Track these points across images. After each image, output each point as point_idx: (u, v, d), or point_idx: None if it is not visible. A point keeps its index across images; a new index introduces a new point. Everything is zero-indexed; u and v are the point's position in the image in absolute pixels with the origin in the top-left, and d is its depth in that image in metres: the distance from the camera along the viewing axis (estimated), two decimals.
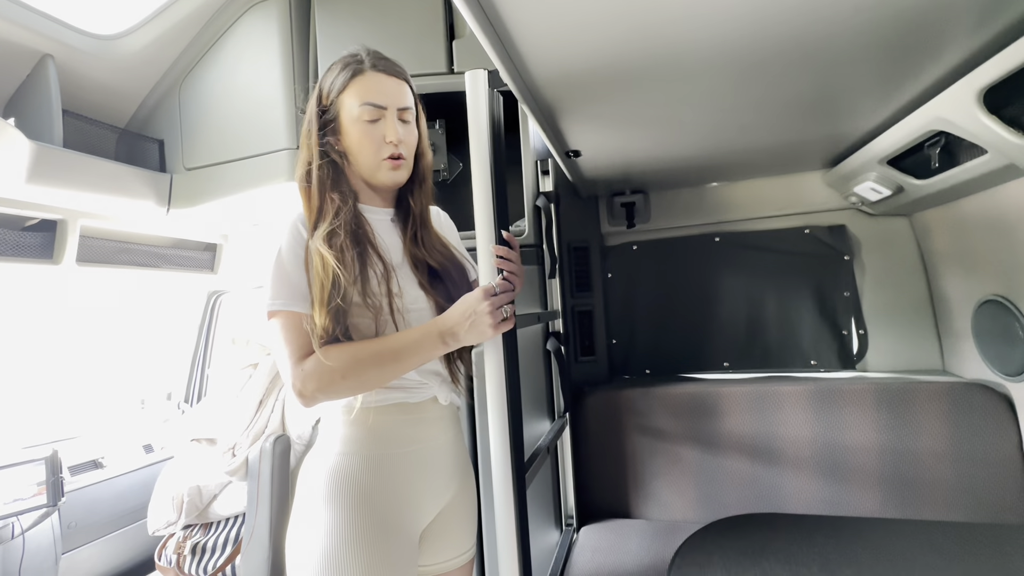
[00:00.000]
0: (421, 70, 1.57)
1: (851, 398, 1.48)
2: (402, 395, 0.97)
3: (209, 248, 2.20)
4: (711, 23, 0.77)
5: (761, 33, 0.81)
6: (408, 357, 0.87)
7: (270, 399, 1.55)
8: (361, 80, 0.94)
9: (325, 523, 0.88)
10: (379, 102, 0.94)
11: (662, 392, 1.64)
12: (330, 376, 0.84)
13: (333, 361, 0.84)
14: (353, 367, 0.85)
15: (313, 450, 0.98)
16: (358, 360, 0.86)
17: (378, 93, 0.94)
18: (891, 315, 1.72)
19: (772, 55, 0.90)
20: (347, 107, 0.95)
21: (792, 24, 0.79)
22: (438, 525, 1.00)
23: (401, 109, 0.96)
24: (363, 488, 0.91)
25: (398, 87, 0.97)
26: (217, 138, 1.77)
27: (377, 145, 0.94)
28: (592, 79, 0.93)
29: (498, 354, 0.93)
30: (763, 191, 1.84)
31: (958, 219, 1.47)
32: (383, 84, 0.95)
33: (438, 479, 0.99)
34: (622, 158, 1.49)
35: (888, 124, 1.28)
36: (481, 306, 0.86)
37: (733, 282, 1.84)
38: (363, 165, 0.96)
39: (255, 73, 1.72)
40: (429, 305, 0.98)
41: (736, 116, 1.23)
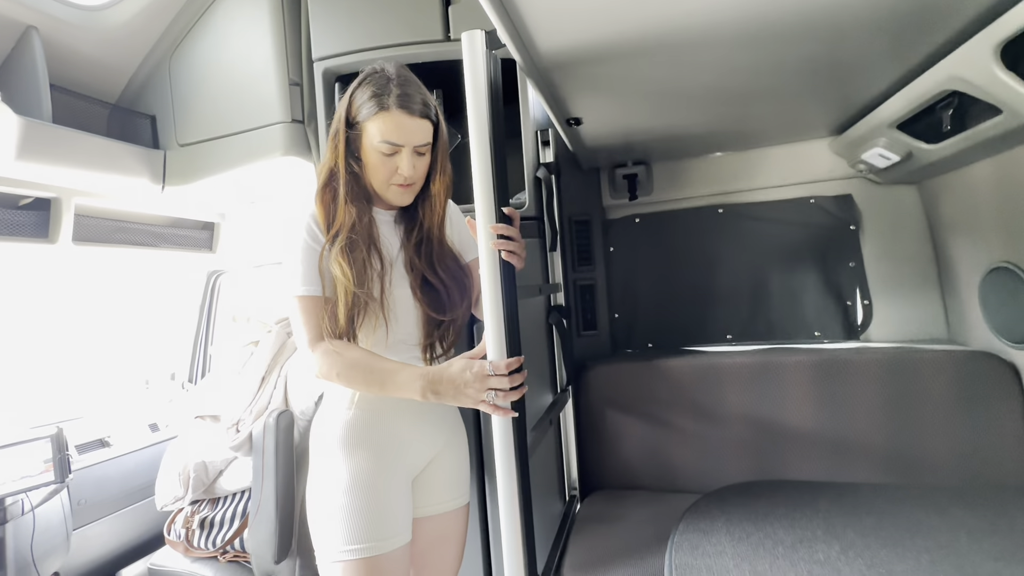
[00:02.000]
0: (416, 38, 1.52)
1: (855, 368, 1.47)
2: (406, 357, 1.06)
3: (207, 227, 2.18)
4: None
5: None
6: (391, 388, 0.97)
7: (272, 375, 1.55)
8: (385, 117, 0.99)
9: (348, 468, 0.99)
10: (398, 141, 1.00)
11: (665, 365, 1.63)
12: (328, 369, 0.97)
13: (336, 359, 0.97)
14: (347, 372, 0.97)
15: (322, 409, 1.08)
16: (353, 368, 0.97)
17: (398, 133, 0.99)
18: (897, 285, 1.71)
19: (778, 15, 0.87)
20: (369, 134, 1.01)
21: None
22: (431, 472, 1.09)
23: (417, 146, 1.02)
24: (374, 435, 1.01)
25: (419, 127, 1.01)
26: (210, 112, 1.74)
27: (389, 174, 1.02)
28: (595, 41, 0.90)
29: (499, 327, 0.92)
30: (767, 161, 1.80)
31: (967, 185, 1.44)
32: (404, 124, 0.99)
33: (427, 429, 1.08)
34: (624, 126, 1.45)
35: (898, 86, 1.24)
36: (474, 384, 0.91)
37: (737, 254, 1.82)
38: (374, 183, 1.05)
39: (246, 44, 1.67)
40: (414, 304, 1.06)
41: (741, 80, 1.19)
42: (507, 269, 0.93)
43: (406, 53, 1.50)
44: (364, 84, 1.02)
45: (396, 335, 1.04)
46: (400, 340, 1.05)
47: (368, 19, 1.54)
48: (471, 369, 0.91)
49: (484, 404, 0.91)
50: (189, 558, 1.64)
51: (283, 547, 1.39)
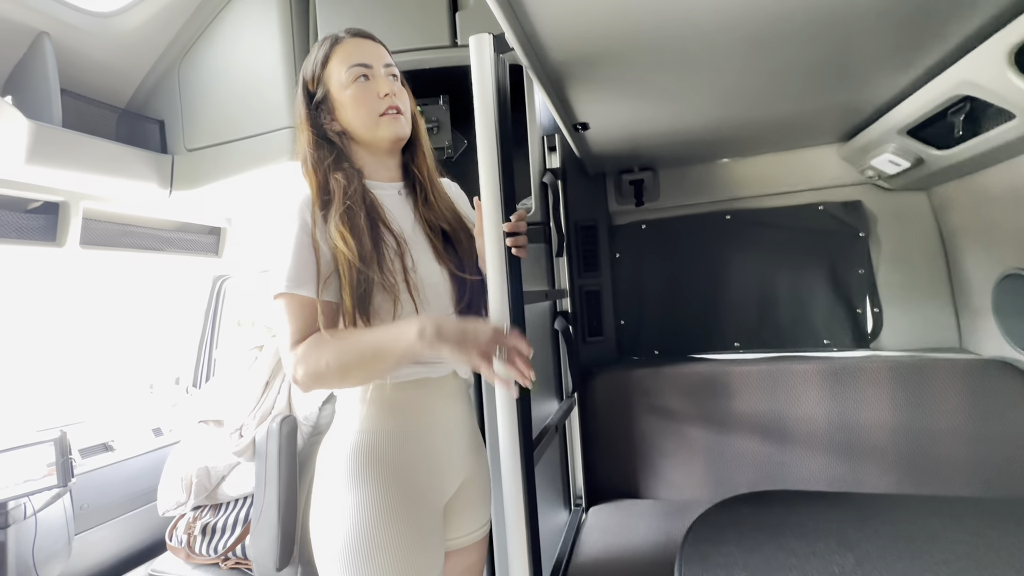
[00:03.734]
0: (423, 43, 1.53)
1: (866, 376, 1.45)
2: (424, 370, 0.96)
3: (213, 232, 2.19)
4: None
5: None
6: (390, 349, 0.82)
7: (276, 380, 1.55)
8: (341, 47, 0.95)
9: (352, 504, 0.87)
10: (364, 60, 0.95)
11: (671, 372, 1.61)
12: (315, 364, 0.82)
13: (317, 351, 0.82)
14: (335, 360, 0.82)
15: (331, 431, 0.97)
16: (341, 353, 0.82)
17: (361, 53, 0.95)
18: (907, 292, 1.68)
19: (787, 20, 0.86)
20: (334, 78, 0.95)
21: None
22: (458, 500, 0.99)
23: (386, 66, 0.97)
24: (388, 464, 0.90)
25: (377, 48, 0.98)
26: (218, 118, 1.75)
27: (372, 102, 0.94)
28: (604, 44, 0.90)
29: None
30: (776, 167, 1.79)
31: (979, 191, 1.42)
32: (363, 46, 0.96)
33: (458, 451, 0.98)
34: (631, 132, 1.45)
35: (908, 91, 1.23)
36: (486, 336, 0.81)
37: (744, 260, 1.80)
38: (362, 127, 0.95)
39: (255, 51, 1.69)
40: (444, 276, 0.96)
41: (750, 86, 1.19)
42: (514, 266, 0.92)
43: (413, 59, 1.51)
44: (308, 56, 0.99)
45: (426, 308, 0.92)
46: (438, 311, 0.95)
47: (375, 24, 1.53)
48: (483, 324, 0.83)
49: (487, 363, 0.81)
50: (190, 564, 1.62)
51: (285, 554, 1.37)
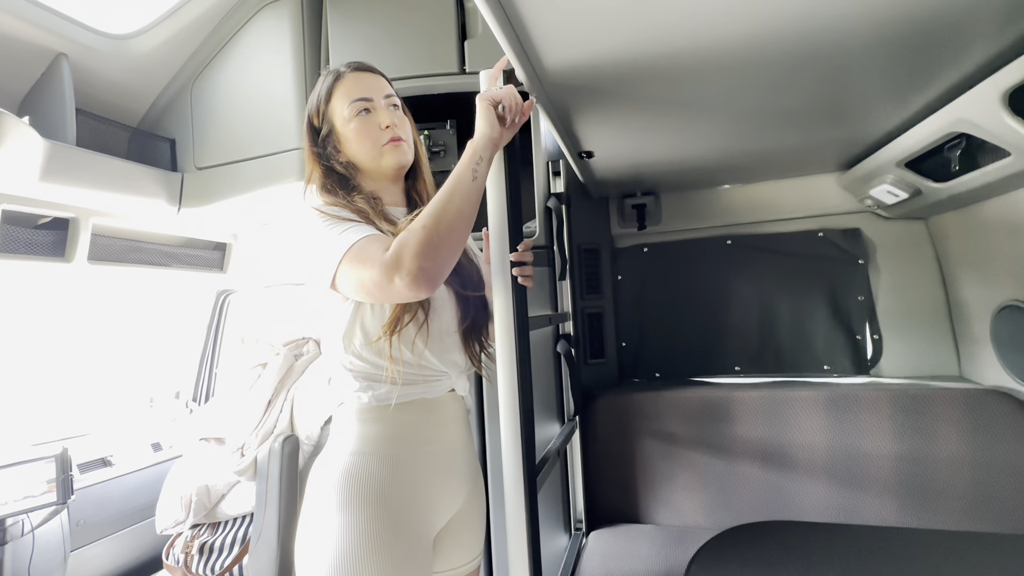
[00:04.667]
0: (433, 70, 1.57)
1: (866, 404, 1.46)
2: (421, 390, 0.97)
3: (219, 247, 2.21)
4: (729, 22, 0.76)
5: (779, 34, 0.80)
6: (466, 177, 0.83)
7: (279, 399, 1.55)
8: (342, 83, 0.98)
9: (339, 528, 0.87)
10: (366, 94, 0.98)
11: (673, 396, 1.62)
12: (413, 240, 0.79)
13: (411, 229, 0.81)
14: (428, 216, 0.81)
15: (324, 451, 0.98)
16: (428, 209, 0.82)
17: (362, 86, 0.98)
18: (906, 320, 1.70)
19: (789, 59, 0.89)
20: (337, 113, 0.99)
21: (811, 24, 0.77)
22: (450, 530, 0.99)
23: (387, 97, 1.00)
24: (379, 490, 0.90)
25: (377, 80, 1.01)
26: (228, 138, 1.78)
27: (375, 134, 0.97)
28: (609, 77, 0.92)
29: (511, 354, 0.92)
30: (776, 193, 1.82)
31: (976, 223, 1.44)
32: (363, 80, 0.99)
33: (453, 481, 0.98)
34: (635, 159, 1.48)
35: (907, 126, 1.26)
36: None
37: (745, 285, 1.82)
38: (367, 157, 0.98)
39: (267, 73, 1.72)
40: (448, 295, 0.99)
41: (751, 118, 1.22)
42: (520, 294, 0.94)
43: (423, 84, 1.54)
44: (312, 92, 1.02)
45: (438, 326, 0.96)
46: (441, 331, 0.97)
47: (386, 50, 1.59)
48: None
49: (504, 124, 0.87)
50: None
51: (284, 575, 1.36)
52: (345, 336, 0.94)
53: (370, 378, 0.95)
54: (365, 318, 0.93)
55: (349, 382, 0.96)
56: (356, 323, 0.94)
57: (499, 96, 0.87)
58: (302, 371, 1.68)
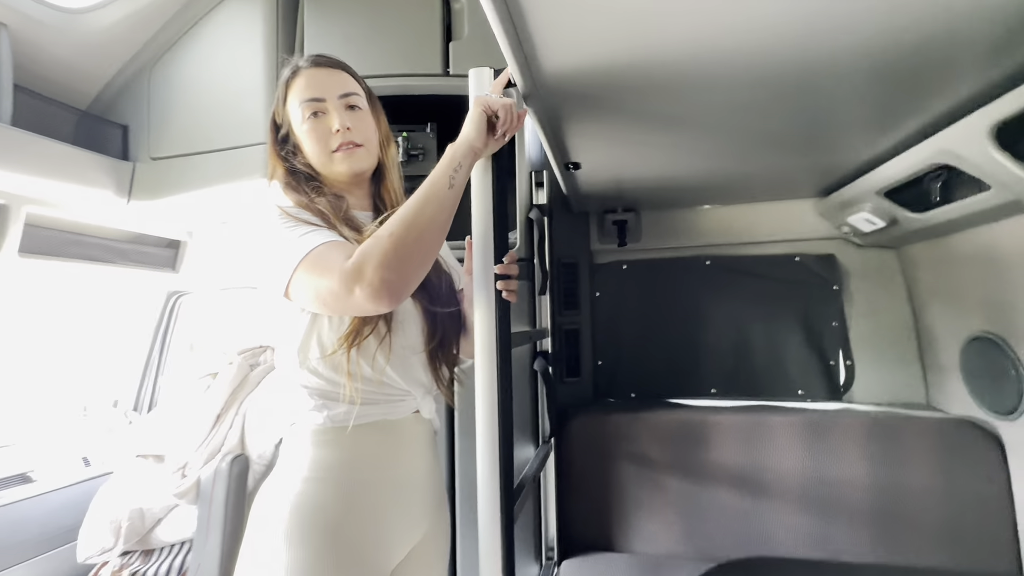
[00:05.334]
0: (414, 70, 1.50)
1: (841, 431, 1.45)
2: (382, 410, 0.89)
3: (172, 245, 2.05)
4: (733, 35, 0.73)
5: (776, 54, 0.78)
6: (442, 186, 0.77)
7: (229, 413, 1.42)
8: (296, 81, 0.92)
9: (286, 565, 0.78)
10: (316, 95, 0.89)
11: (649, 418, 1.57)
12: (378, 250, 0.72)
13: (377, 236, 0.73)
14: (397, 225, 0.74)
15: (273, 475, 0.89)
16: (397, 216, 0.75)
17: (313, 86, 0.90)
18: (877, 347, 1.72)
19: (777, 84, 0.89)
20: (292, 114, 0.91)
21: (809, 45, 0.76)
22: (410, 562, 0.91)
23: (343, 96, 0.91)
24: (332, 522, 0.81)
25: (334, 76, 0.93)
26: (189, 127, 1.65)
27: (324, 139, 0.89)
28: (606, 85, 0.88)
29: (491, 374, 0.84)
30: (754, 216, 1.82)
31: (948, 254, 1.47)
32: (317, 77, 0.91)
33: (414, 510, 0.91)
34: (619, 173, 1.45)
35: (889, 155, 1.27)
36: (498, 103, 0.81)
37: (722, 307, 1.81)
38: (318, 164, 0.91)
39: (235, 61, 1.62)
40: (415, 311, 0.92)
41: (736, 141, 1.21)
42: (504, 310, 0.87)
43: (403, 84, 1.47)
44: (278, 84, 0.94)
45: (401, 341, 0.88)
46: (405, 347, 0.90)
47: (366, 45, 1.51)
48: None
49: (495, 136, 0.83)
50: None
51: None
52: (300, 349, 0.86)
53: (326, 396, 0.86)
54: (322, 331, 0.85)
55: (303, 400, 0.87)
56: (312, 336, 0.85)
57: (496, 105, 0.81)
58: (257, 383, 1.55)
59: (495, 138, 0.83)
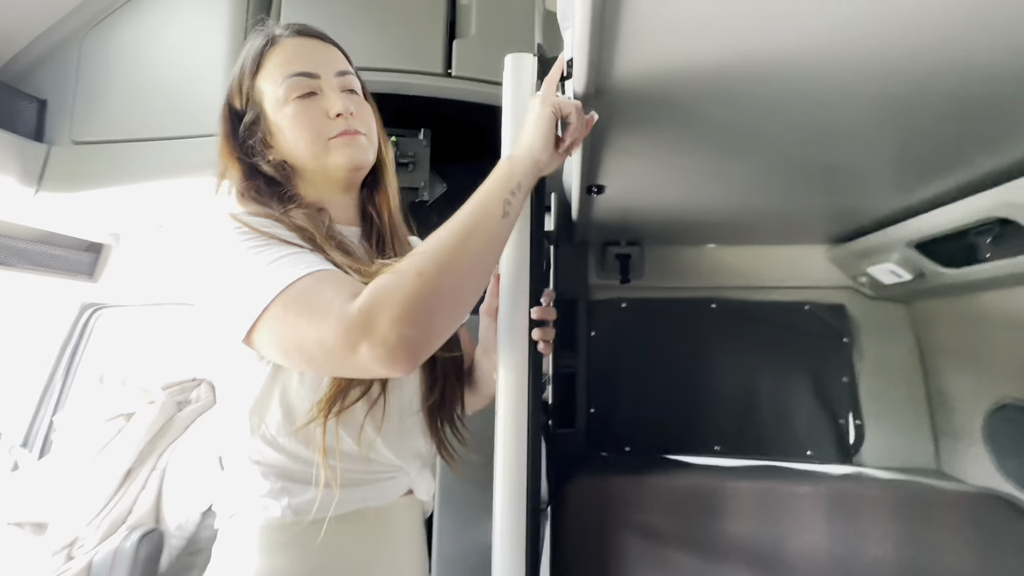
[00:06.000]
0: (411, 66, 1.30)
1: (869, 505, 1.30)
2: (364, 494, 0.65)
3: (92, 249, 1.71)
4: (838, 49, 0.59)
5: (869, 77, 0.65)
6: (495, 208, 0.58)
7: (143, 469, 1.11)
8: (274, 52, 0.70)
9: None
10: (307, 68, 0.69)
11: (655, 482, 1.38)
12: (403, 290, 0.51)
13: (400, 271, 0.53)
14: (430, 258, 0.53)
15: (220, 547, 0.64)
16: (430, 247, 0.55)
17: (305, 59, 0.70)
18: (886, 406, 1.62)
19: (862, 106, 0.75)
20: (268, 93, 0.69)
21: (899, 71, 0.63)
22: None
23: (340, 74, 0.72)
24: None
25: (328, 51, 0.73)
26: (126, 109, 1.37)
27: (318, 123, 0.69)
28: (674, 92, 0.71)
29: (519, 454, 0.62)
30: (763, 259, 1.71)
31: (968, 312, 1.39)
32: (306, 48, 0.71)
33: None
34: (637, 201, 1.29)
35: (927, 206, 1.17)
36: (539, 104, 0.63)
37: (728, 355, 1.67)
38: (307, 155, 0.69)
39: (192, 38, 1.36)
40: None
41: (773, 171, 1.08)
42: (537, 367, 0.66)
43: (396, 81, 1.27)
44: (239, 59, 0.73)
45: (397, 402, 0.68)
46: (401, 409, 0.70)
47: (357, 34, 1.30)
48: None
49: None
50: None
51: None
52: (254, 411, 0.61)
53: (288, 477, 0.62)
54: (288, 387, 0.61)
55: (253, 482, 0.63)
56: (273, 393, 0.61)
57: (568, 108, 0.63)
58: (185, 427, 1.24)
59: (559, 152, 0.64)
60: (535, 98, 0.65)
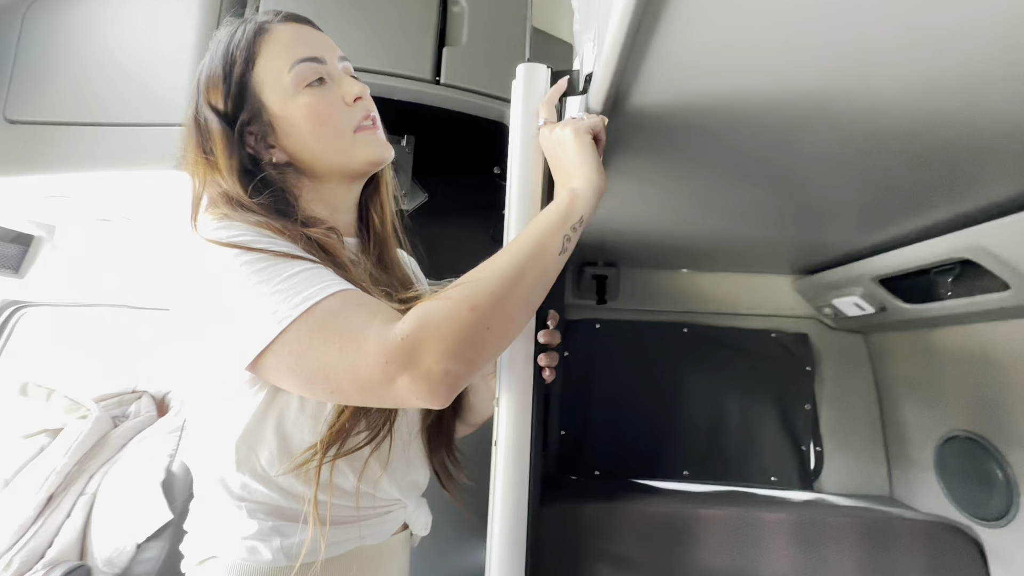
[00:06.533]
0: (400, 70, 1.25)
1: (833, 532, 1.33)
2: (360, 533, 0.59)
3: (19, 240, 1.53)
4: (851, 87, 0.59)
5: (867, 119, 0.66)
6: (553, 236, 0.55)
7: (69, 493, 0.97)
8: (271, 38, 0.63)
9: None
10: (315, 54, 0.63)
11: (628, 509, 1.36)
12: (467, 315, 0.47)
13: (447, 298, 0.49)
14: (498, 286, 0.50)
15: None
16: (485, 273, 0.51)
17: (309, 44, 0.64)
18: (844, 434, 1.68)
19: (848, 144, 0.77)
20: (270, 84, 0.61)
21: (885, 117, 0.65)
22: None
23: (342, 59, 0.67)
24: None
25: (324, 36, 0.68)
26: (72, 89, 1.24)
27: (339, 113, 0.63)
28: (686, 116, 0.70)
29: (521, 491, 0.58)
30: (734, 286, 1.75)
31: (927, 346, 1.46)
32: (305, 32, 0.66)
33: None
34: (619, 223, 1.29)
35: (896, 243, 1.23)
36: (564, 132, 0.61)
37: (698, 380, 1.69)
38: (328, 150, 0.63)
39: (158, 21, 1.26)
40: None
41: (754, 206, 1.11)
42: (539, 394, 0.63)
43: (385, 84, 1.21)
44: (211, 53, 0.64)
45: (402, 433, 0.64)
46: (405, 440, 0.65)
47: (344, 31, 1.23)
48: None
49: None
50: None
51: None
52: (243, 441, 0.54)
53: (280, 516, 0.55)
54: (287, 416, 0.54)
55: (236, 521, 0.55)
56: (267, 423, 0.54)
57: (599, 127, 0.61)
58: (120, 446, 1.11)
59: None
60: (561, 129, 0.61)
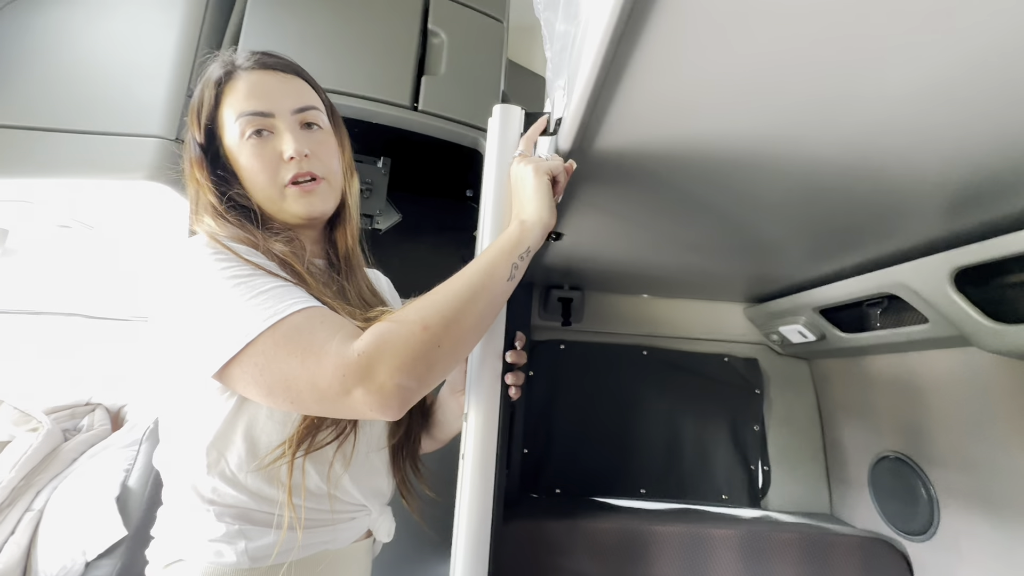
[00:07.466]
0: (379, 95, 1.29)
1: (776, 548, 1.41)
2: (324, 537, 0.62)
3: None
4: (808, 134, 0.67)
5: (795, 163, 0.75)
6: (502, 265, 0.60)
7: (15, 509, 0.94)
8: (232, 87, 0.67)
9: None
10: (261, 108, 0.66)
11: (587, 527, 1.40)
12: (420, 335, 0.52)
13: (404, 317, 0.53)
14: (439, 307, 0.55)
15: None
16: (438, 296, 0.56)
17: (258, 96, 0.66)
18: (789, 454, 1.77)
19: (791, 188, 0.86)
20: (227, 129, 0.66)
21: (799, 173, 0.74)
22: None
23: (299, 111, 0.68)
24: None
25: (287, 83, 0.70)
26: (43, 94, 1.22)
27: (272, 167, 0.66)
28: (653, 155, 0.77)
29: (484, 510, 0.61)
30: (690, 312, 1.85)
31: (862, 373, 1.58)
32: (263, 83, 0.68)
33: None
34: (586, 250, 1.35)
35: (833, 277, 1.34)
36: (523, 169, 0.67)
37: (656, 402, 1.76)
38: (264, 198, 0.67)
39: (138, 31, 1.26)
40: None
41: (710, 237, 1.19)
42: (505, 412, 0.67)
43: (363, 108, 1.25)
44: (199, 85, 0.70)
45: (366, 438, 0.67)
46: (369, 446, 0.68)
47: (325, 54, 1.28)
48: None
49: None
50: None
51: None
52: (213, 446, 0.57)
53: (246, 519, 0.58)
54: (256, 421, 0.57)
55: (204, 524, 0.57)
56: (237, 427, 0.57)
57: (558, 169, 0.66)
58: (72, 460, 1.08)
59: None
60: (525, 165, 0.67)
